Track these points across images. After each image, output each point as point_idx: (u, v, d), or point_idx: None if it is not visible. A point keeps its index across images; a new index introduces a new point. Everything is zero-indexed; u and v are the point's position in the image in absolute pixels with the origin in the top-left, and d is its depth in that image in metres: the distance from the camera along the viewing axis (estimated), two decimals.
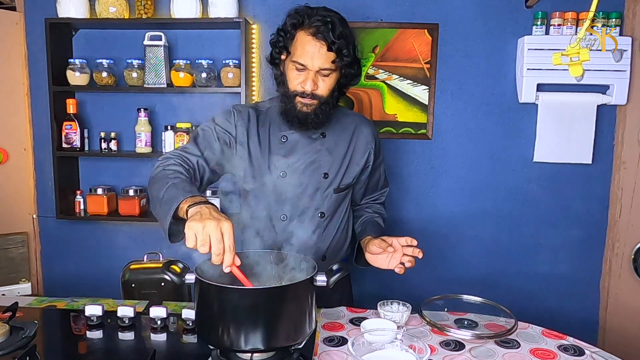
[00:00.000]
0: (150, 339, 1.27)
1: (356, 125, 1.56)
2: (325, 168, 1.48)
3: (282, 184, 1.45)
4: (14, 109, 2.42)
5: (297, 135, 1.47)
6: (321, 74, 1.37)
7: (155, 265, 1.94)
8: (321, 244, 1.51)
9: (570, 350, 1.24)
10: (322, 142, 1.49)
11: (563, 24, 2.18)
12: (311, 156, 1.47)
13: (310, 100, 1.38)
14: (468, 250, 2.41)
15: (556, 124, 2.24)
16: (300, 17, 1.36)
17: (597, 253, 2.38)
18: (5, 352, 1.12)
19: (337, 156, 1.50)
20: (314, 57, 1.34)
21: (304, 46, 1.34)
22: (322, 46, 1.33)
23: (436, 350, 1.22)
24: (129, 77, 2.30)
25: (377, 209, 1.68)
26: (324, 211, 1.50)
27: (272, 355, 1.10)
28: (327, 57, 1.34)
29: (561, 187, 2.34)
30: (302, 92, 1.37)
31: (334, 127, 1.52)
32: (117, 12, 2.25)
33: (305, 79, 1.36)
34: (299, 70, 1.37)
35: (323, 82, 1.38)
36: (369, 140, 1.55)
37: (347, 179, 1.53)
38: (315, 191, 1.47)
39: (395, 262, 1.38)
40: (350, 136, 1.53)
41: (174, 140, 2.31)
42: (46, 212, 2.50)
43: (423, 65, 2.30)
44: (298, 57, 1.35)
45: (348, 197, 1.59)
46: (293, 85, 1.39)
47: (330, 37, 1.32)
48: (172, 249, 2.37)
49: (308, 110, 1.39)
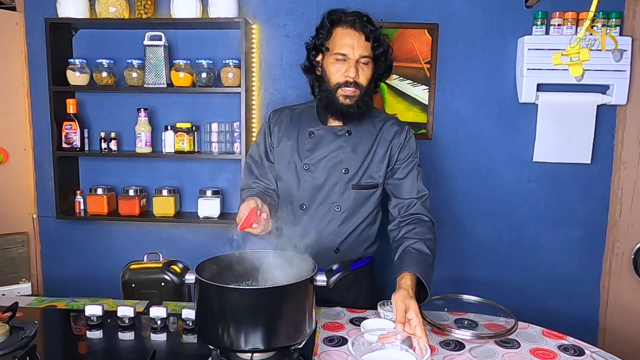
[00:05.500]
0: (150, 339, 1.27)
1: (383, 124, 1.61)
2: (346, 164, 1.56)
3: (305, 175, 1.57)
4: (14, 109, 2.42)
5: (323, 131, 1.59)
6: (361, 63, 1.48)
7: (155, 265, 1.94)
8: (335, 237, 1.57)
9: (570, 350, 1.24)
10: (346, 139, 1.57)
11: (563, 24, 2.18)
12: (334, 151, 1.56)
13: (353, 91, 1.48)
14: (468, 250, 2.41)
15: (556, 124, 2.24)
16: (337, 15, 1.51)
17: (597, 253, 2.38)
18: (5, 352, 1.12)
19: (360, 153, 1.56)
20: (354, 47, 1.47)
21: (344, 38, 1.48)
22: (360, 36, 1.47)
23: (436, 350, 1.22)
24: (129, 77, 2.30)
25: (418, 232, 1.46)
26: (341, 205, 1.56)
27: (272, 355, 1.10)
28: (365, 45, 1.48)
29: (561, 187, 2.34)
30: (345, 81, 1.48)
31: (362, 125, 1.59)
32: (117, 12, 2.25)
33: (348, 67, 1.47)
34: (340, 61, 1.48)
35: (363, 72, 1.49)
36: (393, 139, 1.59)
37: (368, 177, 1.57)
38: (334, 185, 1.56)
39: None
40: (375, 135, 1.59)
41: (174, 140, 2.31)
42: (46, 212, 2.50)
43: (423, 65, 2.30)
44: (339, 48, 1.48)
45: (374, 199, 1.60)
46: (335, 78, 1.49)
47: (367, 28, 1.47)
48: (172, 249, 2.39)
49: (351, 102, 1.49)
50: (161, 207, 2.37)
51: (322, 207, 1.57)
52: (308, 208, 1.58)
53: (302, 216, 1.58)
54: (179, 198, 2.46)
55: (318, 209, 1.57)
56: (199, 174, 2.46)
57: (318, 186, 1.57)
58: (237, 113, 2.31)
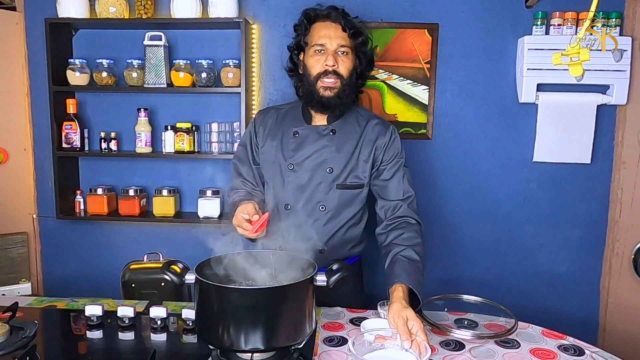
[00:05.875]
0: (150, 339, 1.27)
1: (367, 122, 1.60)
2: (330, 163, 1.55)
3: (290, 175, 1.57)
4: (14, 109, 2.42)
5: (307, 130, 1.58)
6: (340, 52, 1.51)
7: (155, 265, 1.94)
8: (320, 236, 1.55)
9: (570, 350, 1.24)
10: (330, 138, 1.56)
11: (563, 24, 2.18)
12: (318, 151, 1.56)
13: (334, 82, 1.49)
14: (468, 250, 2.41)
15: (556, 124, 2.24)
16: (313, 12, 1.55)
17: (597, 253, 2.38)
18: (5, 352, 1.12)
19: (344, 153, 1.56)
20: (332, 37, 1.50)
21: (321, 30, 1.52)
22: (337, 27, 1.51)
23: (436, 350, 1.22)
24: (129, 77, 2.30)
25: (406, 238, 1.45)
26: (326, 205, 1.55)
27: (272, 355, 1.10)
28: (343, 35, 1.51)
29: (561, 187, 2.34)
30: (325, 70, 1.49)
31: (346, 124, 1.58)
32: (117, 12, 2.25)
33: (326, 57, 1.50)
34: (319, 53, 1.51)
35: (342, 62, 1.51)
36: (377, 139, 1.57)
37: (354, 177, 1.56)
38: (318, 184, 1.55)
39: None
40: (360, 134, 1.58)
41: (174, 140, 2.31)
42: (46, 212, 2.50)
43: (423, 65, 2.30)
44: (316, 40, 1.51)
45: (360, 199, 1.60)
46: (315, 70, 1.52)
47: (343, 19, 1.51)
48: (172, 249, 2.39)
49: (331, 94, 1.50)
50: (161, 207, 2.37)
51: (306, 206, 1.56)
52: (293, 208, 1.56)
53: (286, 216, 1.56)
54: (179, 198, 2.46)
55: (302, 209, 1.56)
56: (199, 174, 2.46)
57: (302, 186, 1.56)
58: (237, 113, 2.31)
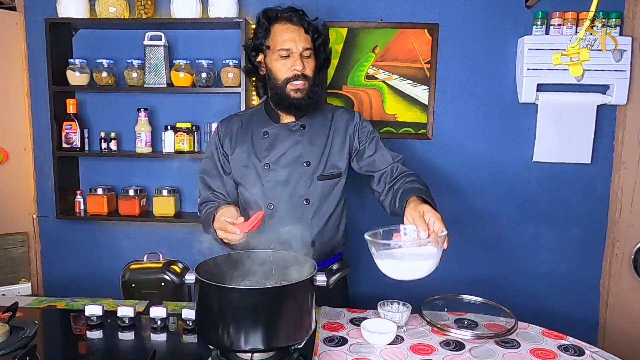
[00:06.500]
0: (150, 339, 1.27)
1: (333, 114, 1.65)
2: (306, 157, 1.57)
3: (268, 175, 1.57)
4: (14, 109, 2.42)
5: (277, 129, 1.60)
6: (304, 56, 1.51)
7: (155, 265, 1.94)
8: (309, 230, 1.57)
9: (570, 350, 1.24)
10: (302, 133, 1.59)
11: (563, 24, 2.18)
12: (292, 147, 1.57)
13: (303, 84, 1.51)
14: (468, 250, 2.41)
15: (556, 124, 2.24)
16: (273, 13, 1.53)
17: (597, 253, 2.38)
18: (5, 352, 1.12)
19: (318, 145, 1.59)
20: (296, 40, 1.50)
21: (284, 34, 1.50)
22: (300, 30, 1.51)
23: (436, 350, 1.22)
24: (129, 77, 2.30)
25: (409, 180, 1.49)
26: (309, 198, 1.57)
27: (272, 355, 1.10)
28: (306, 38, 1.51)
29: (561, 187, 2.34)
30: (293, 75, 1.50)
31: (314, 118, 1.62)
32: (117, 12, 2.25)
33: (294, 61, 1.50)
34: (284, 57, 1.50)
35: (308, 64, 1.52)
36: (347, 127, 1.62)
37: (331, 167, 1.59)
38: (298, 179, 1.56)
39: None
40: (329, 125, 1.62)
41: (174, 140, 2.31)
42: (46, 212, 2.50)
43: (423, 65, 2.30)
44: (281, 44, 1.50)
45: (339, 188, 1.62)
46: (282, 74, 1.51)
47: (305, 21, 1.52)
48: (172, 249, 2.39)
49: (302, 95, 1.52)
50: (161, 207, 2.37)
51: (290, 203, 1.56)
52: (276, 207, 1.56)
53: (271, 216, 1.54)
54: (179, 198, 2.46)
55: (286, 206, 1.56)
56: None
57: (282, 182, 1.56)
58: None
